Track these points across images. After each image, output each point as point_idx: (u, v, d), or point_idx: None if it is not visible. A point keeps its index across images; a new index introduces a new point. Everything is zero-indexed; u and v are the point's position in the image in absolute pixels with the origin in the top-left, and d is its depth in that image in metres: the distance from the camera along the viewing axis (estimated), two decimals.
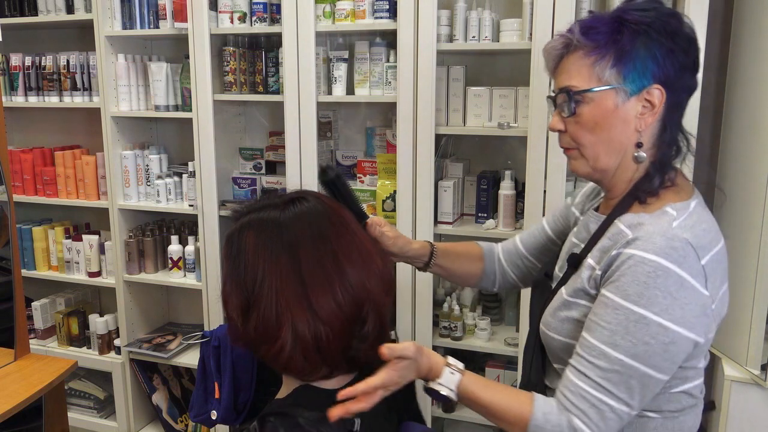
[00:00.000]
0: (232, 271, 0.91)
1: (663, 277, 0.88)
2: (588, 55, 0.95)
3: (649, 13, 0.94)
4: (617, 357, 0.90)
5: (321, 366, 0.90)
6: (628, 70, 0.94)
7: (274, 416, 0.90)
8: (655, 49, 0.93)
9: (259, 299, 0.87)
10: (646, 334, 0.89)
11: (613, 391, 0.91)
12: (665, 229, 0.92)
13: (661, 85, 0.94)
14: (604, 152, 0.99)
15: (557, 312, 1.03)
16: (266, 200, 0.96)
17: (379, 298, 0.93)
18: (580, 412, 0.91)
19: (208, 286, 2.41)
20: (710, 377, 2.25)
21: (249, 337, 0.90)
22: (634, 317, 0.89)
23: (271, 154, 2.49)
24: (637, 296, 0.89)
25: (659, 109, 0.96)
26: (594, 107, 0.96)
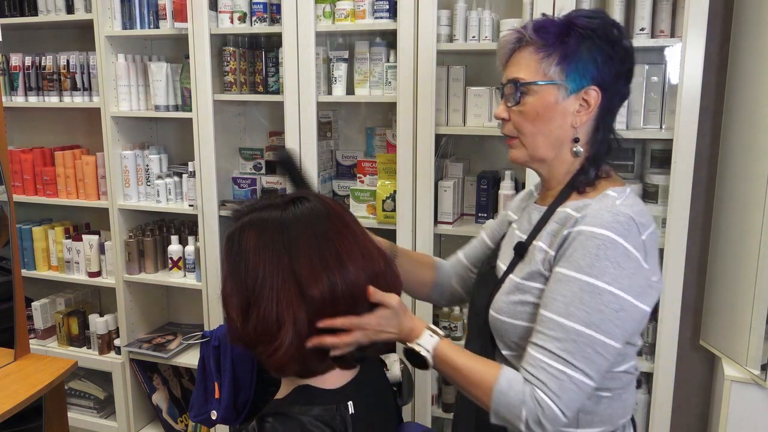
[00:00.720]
0: (233, 271, 0.91)
1: (611, 249, 0.95)
2: (537, 52, 1.04)
3: (595, 21, 1.04)
4: (573, 327, 0.95)
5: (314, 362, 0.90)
6: (570, 69, 1.03)
7: (272, 416, 0.90)
8: (597, 54, 1.03)
9: (260, 299, 0.87)
10: (599, 303, 0.95)
11: (571, 361, 0.95)
12: (610, 206, 1.00)
13: (598, 87, 1.04)
14: (543, 143, 1.08)
15: (509, 296, 1.08)
16: (267, 200, 0.96)
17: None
18: (540, 383, 0.95)
19: (208, 286, 2.41)
20: (710, 377, 2.25)
21: (248, 337, 0.90)
22: (587, 287, 0.96)
23: (271, 154, 2.49)
24: (589, 267, 0.96)
25: (594, 108, 1.05)
26: (537, 99, 1.05)
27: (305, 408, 0.90)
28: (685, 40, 1.77)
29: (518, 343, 1.06)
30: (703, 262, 2.14)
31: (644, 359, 2.03)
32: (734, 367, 1.92)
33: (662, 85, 1.93)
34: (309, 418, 0.89)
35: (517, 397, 0.96)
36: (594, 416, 1.06)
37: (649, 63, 1.95)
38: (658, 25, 1.86)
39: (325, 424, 0.89)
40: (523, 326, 1.05)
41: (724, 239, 2.01)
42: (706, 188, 2.12)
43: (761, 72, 1.80)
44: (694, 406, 2.29)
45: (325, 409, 0.91)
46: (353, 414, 0.92)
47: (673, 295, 1.90)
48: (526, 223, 1.16)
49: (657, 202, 1.96)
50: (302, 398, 0.92)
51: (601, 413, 1.06)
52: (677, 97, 1.80)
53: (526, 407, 0.95)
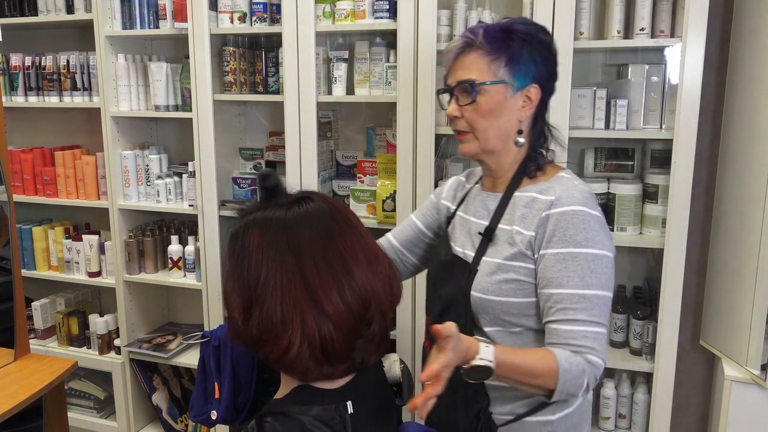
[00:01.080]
0: (235, 269, 0.90)
1: (592, 221, 1.13)
2: (486, 55, 1.16)
3: (531, 27, 1.19)
4: (594, 293, 1.10)
5: (324, 365, 0.90)
6: (516, 69, 1.16)
7: (271, 416, 0.90)
8: (536, 56, 1.17)
9: (263, 298, 0.87)
10: (602, 267, 1.12)
11: (601, 321, 1.11)
12: (574, 185, 1.17)
13: (537, 84, 1.18)
14: (493, 136, 1.20)
15: (493, 277, 1.18)
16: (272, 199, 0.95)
17: (384, 300, 0.93)
18: (588, 349, 1.09)
19: (208, 286, 2.41)
20: (710, 377, 2.25)
21: (250, 336, 0.89)
22: (591, 257, 1.11)
23: (271, 154, 2.49)
24: (585, 241, 1.11)
25: (535, 104, 1.20)
26: (489, 97, 1.17)
27: (304, 408, 0.90)
28: (685, 40, 1.77)
29: (503, 318, 1.19)
30: (703, 262, 2.14)
31: (644, 359, 2.03)
32: (734, 367, 1.92)
33: (662, 85, 1.93)
34: (308, 418, 0.89)
35: (578, 368, 1.07)
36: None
37: (649, 63, 1.95)
38: (658, 25, 1.86)
39: (324, 424, 0.89)
40: (509, 302, 1.17)
41: (724, 239, 2.01)
42: (706, 188, 2.12)
43: (761, 72, 1.80)
44: (694, 406, 2.29)
45: (325, 409, 0.91)
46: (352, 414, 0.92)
47: (673, 295, 1.90)
48: (482, 209, 1.27)
49: (657, 202, 1.96)
50: (301, 398, 0.92)
51: None
52: (677, 97, 1.81)
53: (587, 374, 1.08)
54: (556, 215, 1.13)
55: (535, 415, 1.20)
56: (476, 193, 1.32)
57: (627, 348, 2.11)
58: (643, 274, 2.22)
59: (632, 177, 2.07)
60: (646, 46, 1.91)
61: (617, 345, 2.12)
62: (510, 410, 1.21)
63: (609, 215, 2.03)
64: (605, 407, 2.12)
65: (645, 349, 2.02)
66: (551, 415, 1.20)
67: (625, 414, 2.12)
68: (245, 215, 0.94)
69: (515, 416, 1.20)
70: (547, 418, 1.20)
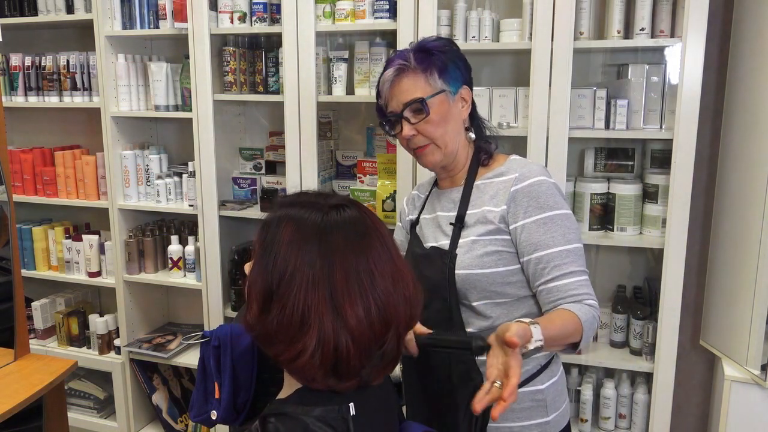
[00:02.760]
0: (261, 258, 0.89)
1: (553, 187, 1.27)
2: (420, 73, 1.28)
3: (441, 41, 1.33)
4: (576, 246, 1.25)
5: (330, 378, 0.89)
6: (447, 78, 1.29)
7: (275, 417, 0.90)
8: (457, 62, 1.31)
9: (285, 295, 0.86)
10: (572, 222, 1.26)
11: (585, 269, 1.25)
12: (528, 162, 1.33)
13: (467, 86, 1.33)
14: (451, 139, 1.32)
15: (473, 252, 1.28)
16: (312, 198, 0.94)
17: (403, 321, 0.92)
18: (587, 295, 1.22)
19: (208, 286, 2.41)
20: (710, 377, 2.25)
21: (265, 330, 0.88)
22: (563, 217, 1.25)
23: (271, 154, 2.49)
24: (555, 203, 1.25)
25: (469, 102, 1.34)
26: (437, 108, 1.29)
27: (307, 409, 0.90)
28: (685, 40, 1.77)
29: (490, 290, 1.28)
30: (703, 262, 2.14)
31: (644, 359, 2.03)
32: (734, 367, 1.92)
33: (662, 85, 1.93)
34: (311, 419, 0.89)
35: (590, 315, 1.20)
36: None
37: (649, 63, 1.95)
38: (658, 25, 1.87)
39: (327, 425, 0.89)
40: (493, 272, 1.28)
41: (724, 239, 2.01)
42: (706, 188, 2.12)
43: (761, 72, 1.80)
44: (694, 406, 2.29)
45: (327, 410, 0.91)
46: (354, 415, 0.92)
47: (673, 295, 1.90)
48: (448, 203, 1.38)
49: (657, 202, 1.97)
50: (305, 399, 0.92)
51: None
52: (677, 97, 1.81)
53: (595, 317, 1.21)
54: (525, 188, 1.26)
55: (527, 386, 1.29)
56: (436, 194, 1.43)
57: (627, 348, 2.11)
58: (643, 274, 2.22)
59: (632, 177, 2.08)
60: (646, 46, 1.91)
61: (617, 345, 2.12)
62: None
63: (609, 215, 2.03)
64: (605, 407, 2.12)
65: (645, 349, 2.02)
66: (540, 384, 1.30)
67: (625, 414, 2.12)
68: (282, 206, 0.93)
69: None
70: (537, 387, 1.30)
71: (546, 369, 1.31)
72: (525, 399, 1.29)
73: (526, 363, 1.25)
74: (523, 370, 1.26)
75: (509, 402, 0.95)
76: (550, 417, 1.31)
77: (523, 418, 1.30)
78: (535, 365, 1.30)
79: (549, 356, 1.33)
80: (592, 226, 2.04)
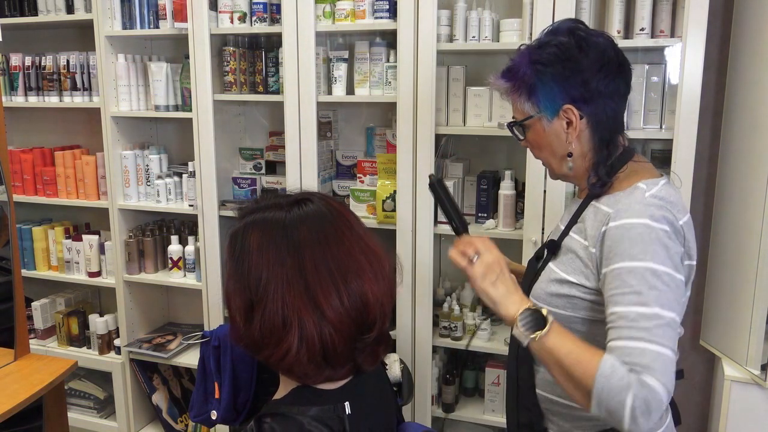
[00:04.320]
0: (235, 271, 0.90)
1: (653, 233, 1.02)
2: (513, 93, 1.16)
3: (548, 50, 1.12)
4: (652, 312, 0.97)
5: (324, 369, 0.90)
6: (538, 100, 1.13)
7: (270, 417, 0.90)
8: (553, 78, 1.11)
9: (264, 300, 0.87)
10: (662, 283, 0.99)
11: (663, 342, 0.95)
12: (640, 198, 1.07)
13: (571, 104, 1.11)
14: (553, 163, 1.19)
15: (549, 286, 1.16)
16: (271, 200, 0.95)
17: (386, 302, 0.93)
18: (643, 368, 0.93)
19: (208, 286, 2.41)
20: (710, 377, 2.25)
21: (252, 338, 0.89)
22: (648, 272, 0.99)
23: (271, 154, 2.49)
24: (642, 253, 1.00)
25: (578, 123, 1.13)
26: (531, 132, 1.18)
27: (303, 408, 0.90)
28: (685, 40, 1.77)
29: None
30: (703, 262, 2.14)
31: None
32: (734, 367, 1.92)
33: (662, 85, 1.93)
34: (307, 419, 0.89)
35: (622, 381, 0.92)
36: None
37: (649, 63, 1.95)
38: (658, 25, 1.87)
39: (322, 424, 0.89)
40: (556, 312, 1.13)
41: (724, 239, 2.01)
42: (706, 188, 2.12)
43: (761, 72, 1.80)
44: (694, 406, 2.29)
45: (323, 409, 0.91)
46: (350, 414, 0.92)
47: None
48: (567, 215, 1.25)
49: None
50: (300, 398, 0.92)
51: None
52: (677, 97, 1.80)
53: (632, 393, 0.91)
54: (612, 230, 1.05)
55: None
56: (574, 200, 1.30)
57: None
58: None
59: None
60: (646, 46, 1.91)
61: None
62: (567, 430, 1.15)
63: None
64: None
65: None
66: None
67: None
68: (245, 215, 0.94)
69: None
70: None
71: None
72: None
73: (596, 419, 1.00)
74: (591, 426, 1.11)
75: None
76: None
77: None
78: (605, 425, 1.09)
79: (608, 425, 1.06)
80: None
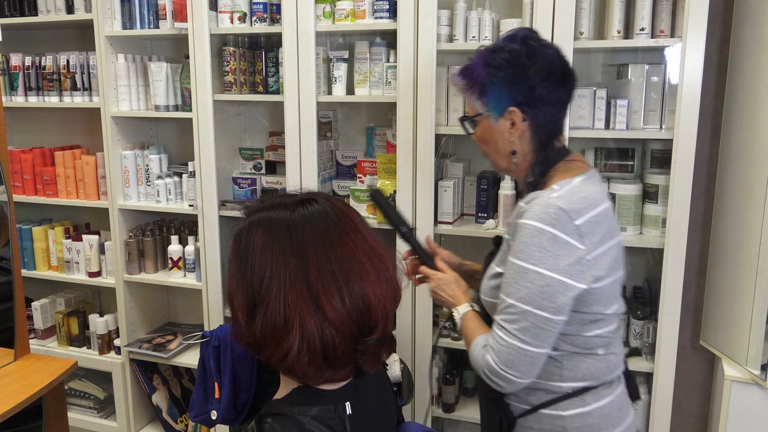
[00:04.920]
0: (239, 269, 0.90)
1: (538, 236, 1.15)
2: (467, 91, 1.28)
3: (501, 54, 1.23)
4: (510, 302, 1.18)
5: (325, 370, 0.89)
6: (488, 99, 1.25)
7: (271, 417, 0.90)
8: (503, 81, 1.23)
9: (266, 299, 0.87)
10: (526, 280, 1.16)
11: (508, 329, 1.18)
12: (544, 200, 1.18)
13: (516, 107, 1.23)
14: (496, 157, 1.32)
15: (489, 281, 1.30)
16: (277, 199, 0.95)
17: (389, 304, 0.93)
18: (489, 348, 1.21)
19: (208, 286, 2.41)
20: (710, 377, 2.25)
21: (254, 337, 0.89)
22: (518, 269, 1.17)
23: (271, 154, 2.49)
24: (521, 253, 1.17)
25: (521, 124, 1.25)
26: (480, 128, 1.31)
27: (304, 408, 0.90)
28: (685, 40, 1.77)
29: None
30: (703, 262, 2.14)
31: (644, 359, 2.03)
32: (734, 367, 1.92)
33: (662, 85, 1.93)
34: (307, 419, 0.89)
35: (478, 356, 1.24)
36: (577, 372, 1.25)
37: (649, 63, 1.95)
38: (658, 25, 1.87)
39: (323, 424, 0.89)
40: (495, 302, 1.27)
41: (724, 239, 2.01)
42: (706, 188, 2.12)
43: (761, 72, 1.80)
44: (694, 406, 2.29)
45: (323, 409, 0.91)
46: (351, 414, 0.92)
47: (673, 295, 1.90)
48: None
49: (657, 202, 1.97)
50: (301, 399, 0.92)
51: (583, 371, 1.25)
52: (677, 97, 1.81)
53: (481, 366, 1.22)
54: (519, 225, 1.19)
55: (548, 408, 1.26)
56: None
57: (627, 348, 2.11)
58: (643, 274, 2.22)
59: (632, 177, 2.07)
60: (646, 46, 1.91)
61: None
62: (526, 400, 1.28)
63: None
64: None
65: (645, 349, 2.02)
66: (563, 411, 1.25)
67: None
68: (249, 214, 0.94)
69: (531, 407, 1.27)
70: (559, 413, 1.26)
71: (573, 398, 1.26)
72: (545, 421, 1.27)
73: (547, 388, 1.26)
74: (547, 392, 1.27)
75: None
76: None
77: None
78: (558, 392, 1.26)
79: (576, 387, 1.26)
80: None
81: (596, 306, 1.22)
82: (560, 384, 1.25)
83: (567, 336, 1.23)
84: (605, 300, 1.23)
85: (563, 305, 1.16)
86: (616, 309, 1.27)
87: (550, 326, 1.17)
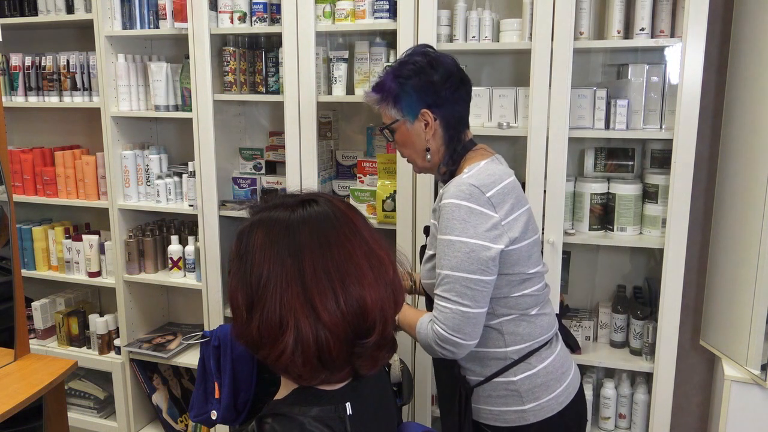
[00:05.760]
0: (239, 268, 0.90)
1: (457, 211, 1.31)
2: (382, 103, 1.43)
3: (407, 66, 1.39)
4: (444, 273, 1.32)
5: (321, 371, 0.89)
6: (402, 107, 1.41)
7: (271, 417, 0.90)
8: (413, 88, 1.39)
9: (263, 299, 0.87)
10: (453, 250, 1.31)
11: (448, 297, 1.31)
12: (457, 181, 1.35)
13: (428, 109, 1.40)
14: (416, 158, 1.47)
15: (425, 264, 1.46)
16: (280, 199, 0.95)
17: (388, 308, 0.92)
18: (435, 318, 1.33)
19: (208, 286, 2.41)
20: (710, 377, 2.25)
21: (251, 336, 0.89)
22: (445, 242, 1.32)
23: (271, 154, 2.49)
24: (445, 228, 1.32)
25: (434, 124, 1.41)
26: (398, 134, 1.45)
27: (304, 409, 0.90)
28: (685, 40, 1.77)
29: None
30: (703, 262, 2.14)
31: (644, 359, 2.03)
32: (734, 367, 1.92)
33: (662, 85, 1.93)
34: (308, 419, 0.89)
35: (425, 332, 1.35)
36: (516, 336, 1.41)
37: (649, 63, 1.95)
38: (658, 25, 1.87)
39: (323, 425, 0.89)
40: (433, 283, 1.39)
41: (724, 239, 2.01)
42: (706, 188, 2.12)
43: (761, 72, 1.80)
44: (694, 406, 2.29)
45: (324, 409, 0.91)
46: (351, 415, 0.92)
47: (673, 295, 1.90)
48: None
49: (657, 202, 1.97)
50: (301, 399, 0.92)
51: (522, 333, 1.41)
52: (677, 97, 1.81)
53: (431, 339, 1.34)
54: (441, 207, 1.34)
55: (501, 376, 1.41)
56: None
57: (627, 348, 2.11)
58: (643, 274, 2.22)
59: (632, 177, 2.08)
60: (646, 46, 1.91)
61: (617, 345, 2.12)
62: (480, 372, 1.43)
63: (609, 215, 2.03)
64: (605, 407, 2.12)
65: (645, 349, 2.02)
66: (513, 376, 1.40)
67: (625, 414, 2.12)
68: (254, 214, 0.94)
69: (485, 377, 1.42)
70: (510, 379, 1.40)
71: (520, 363, 1.40)
72: (499, 388, 1.41)
73: (496, 356, 1.41)
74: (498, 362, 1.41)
75: None
76: (526, 406, 1.40)
77: (500, 404, 1.42)
78: (506, 359, 1.41)
79: (522, 352, 1.41)
80: (592, 226, 2.04)
81: (518, 266, 1.37)
82: (505, 350, 1.40)
83: (500, 299, 1.38)
84: (525, 261, 1.38)
85: (489, 266, 1.31)
86: (539, 269, 1.43)
87: (483, 286, 1.31)
